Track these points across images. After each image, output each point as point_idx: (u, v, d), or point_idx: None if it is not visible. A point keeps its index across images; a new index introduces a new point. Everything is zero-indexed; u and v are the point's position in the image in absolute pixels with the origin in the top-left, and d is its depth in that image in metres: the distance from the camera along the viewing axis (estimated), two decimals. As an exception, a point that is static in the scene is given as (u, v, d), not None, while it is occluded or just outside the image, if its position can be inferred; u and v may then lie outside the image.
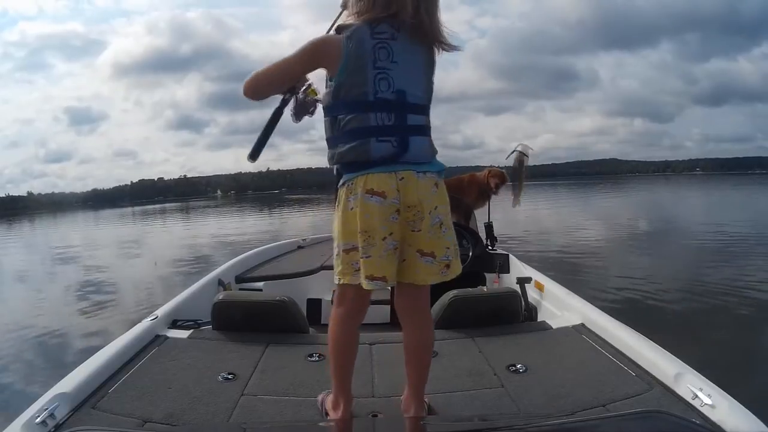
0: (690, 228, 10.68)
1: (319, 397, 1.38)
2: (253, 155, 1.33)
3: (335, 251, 1.22)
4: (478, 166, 3.48)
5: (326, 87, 1.20)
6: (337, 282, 1.22)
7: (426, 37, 1.17)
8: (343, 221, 1.18)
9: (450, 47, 1.21)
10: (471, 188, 3.18)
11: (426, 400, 1.34)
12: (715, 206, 18.22)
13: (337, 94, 1.15)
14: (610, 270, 6.24)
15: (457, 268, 1.24)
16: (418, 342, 1.30)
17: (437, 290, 2.05)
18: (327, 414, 1.31)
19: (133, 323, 1.88)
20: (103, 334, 4.16)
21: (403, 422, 1.26)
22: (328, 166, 1.25)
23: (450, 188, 3.27)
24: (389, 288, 1.34)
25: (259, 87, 1.18)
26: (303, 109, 1.29)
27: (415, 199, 1.15)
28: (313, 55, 1.16)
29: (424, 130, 1.20)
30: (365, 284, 1.15)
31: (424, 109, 1.20)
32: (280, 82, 1.20)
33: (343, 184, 1.18)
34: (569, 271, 5.88)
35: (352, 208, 1.15)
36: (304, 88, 1.27)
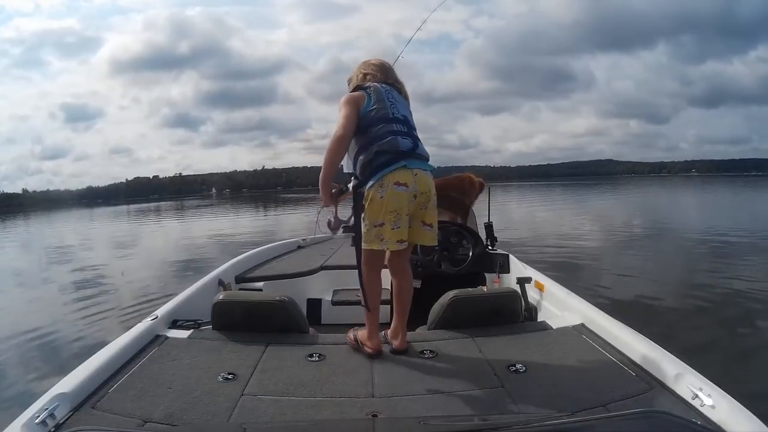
0: (688, 228, 10.75)
1: (350, 334, 1.77)
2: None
3: (365, 228, 1.68)
4: (474, 166, 3.49)
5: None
6: (366, 248, 1.69)
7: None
8: (372, 207, 1.64)
9: None
10: (472, 189, 3.18)
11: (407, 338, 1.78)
12: (713, 207, 18.32)
13: (367, 118, 1.69)
14: (610, 270, 6.27)
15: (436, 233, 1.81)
16: (407, 287, 1.83)
17: (437, 290, 2.05)
18: (362, 344, 1.71)
19: (128, 322, 1.87)
20: (100, 332, 4.15)
21: (403, 422, 1.26)
22: (353, 177, 1.73)
23: (451, 188, 3.28)
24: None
25: (344, 134, 1.65)
26: (338, 222, 1.85)
27: (426, 188, 1.70)
28: (350, 101, 1.70)
29: (421, 141, 1.76)
30: (396, 246, 1.68)
31: (417, 131, 1.79)
32: (350, 128, 1.67)
33: (372, 185, 1.64)
34: (569, 271, 5.89)
35: (381, 197, 1.63)
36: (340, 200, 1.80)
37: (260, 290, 2.81)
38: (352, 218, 1.81)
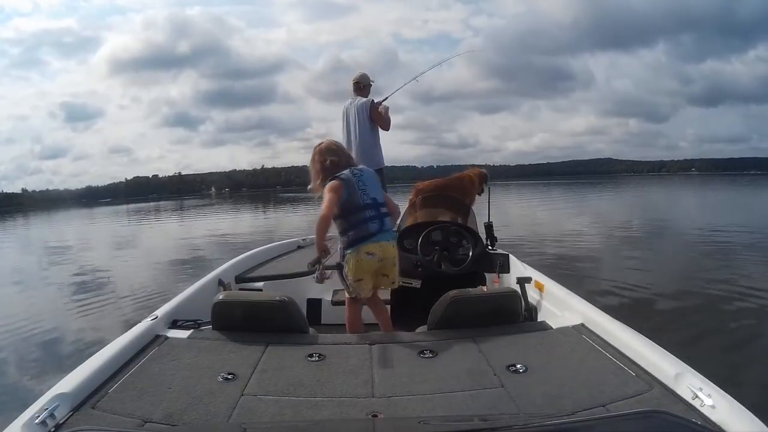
0: (689, 228, 10.73)
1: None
2: None
3: (348, 281, 2.21)
4: (473, 165, 3.52)
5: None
6: (349, 296, 2.28)
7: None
8: (351, 268, 2.16)
9: None
10: (472, 188, 3.18)
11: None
12: (714, 206, 18.30)
13: (345, 206, 2.14)
14: (610, 270, 6.26)
15: (397, 280, 2.36)
16: (384, 317, 2.37)
17: (437, 290, 2.06)
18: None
19: (128, 321, 1.87)
20: (100, 332, 4.14)
21: (403, 422, 1.26)
22: (342, 246, 2.20)
23: (450, 188, 3.28)
24: (389, 290, 2.38)
25: (328, 214, 2.09)
26: (323, 277, 2.13)
27: (388, 255, 2.22)
28: (333, 190, 2.12)
29: (388, 215, 2.27)
30: (368, 293, 2.25)
31: (385, 205, 2.26)
32: (333, 210, 2.10)
33: (351, 252, 2.16)
34: (569, 271, 5.89)
35: (358, 261, 2.15)
36: (324, 263, 2.13)
37: (260, 290, 2.81)
38: (336, 273, 2.25)
